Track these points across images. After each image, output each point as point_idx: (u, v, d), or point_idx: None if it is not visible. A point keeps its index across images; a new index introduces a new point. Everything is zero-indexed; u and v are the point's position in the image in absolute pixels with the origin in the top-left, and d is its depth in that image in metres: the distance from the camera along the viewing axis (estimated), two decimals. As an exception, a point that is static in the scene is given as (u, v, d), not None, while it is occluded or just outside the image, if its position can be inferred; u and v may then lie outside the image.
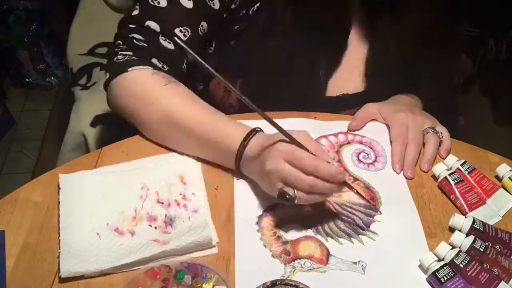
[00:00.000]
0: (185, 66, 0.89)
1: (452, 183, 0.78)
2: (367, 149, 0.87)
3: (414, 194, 0.80)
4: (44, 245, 0.70)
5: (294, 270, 0.69)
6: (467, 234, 0.71)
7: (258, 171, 0.74)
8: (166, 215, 0.72)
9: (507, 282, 0.66)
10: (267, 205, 0.76)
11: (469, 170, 0.80)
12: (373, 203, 0.76)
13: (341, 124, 0.91)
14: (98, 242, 0.68)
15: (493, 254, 0.68)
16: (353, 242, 0.72)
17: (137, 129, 0.85)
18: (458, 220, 0.72)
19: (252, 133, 0.76)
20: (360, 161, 0.85)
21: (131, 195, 0.75)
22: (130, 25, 0.86)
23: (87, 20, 1.59)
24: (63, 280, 0.66)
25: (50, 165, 1.39)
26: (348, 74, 0.96)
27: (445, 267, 0.66)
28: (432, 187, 0.81)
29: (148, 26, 0.85)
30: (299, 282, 0.62)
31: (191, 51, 0.65)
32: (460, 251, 0.68)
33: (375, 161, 0.85)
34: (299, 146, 0.69)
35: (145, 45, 0.84)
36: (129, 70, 0.82)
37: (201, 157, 0.81)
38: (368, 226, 0.75)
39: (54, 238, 0.71)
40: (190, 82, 0.87)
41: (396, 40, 0.93)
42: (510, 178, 0.79)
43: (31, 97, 2.30)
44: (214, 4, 0.86)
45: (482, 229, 0.71)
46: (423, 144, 0.86)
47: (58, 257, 0.68)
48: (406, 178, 0.82)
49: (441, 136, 0.86)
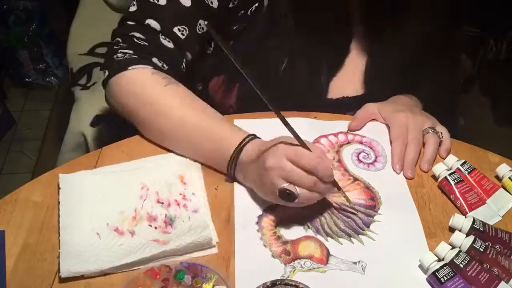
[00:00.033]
0: (184, 65, 0.89)
1: (452, 183, 0.78)
2: (367, 149, 0.87)
3: (414, 194, 0.80)
4: (44, 245, 0.70)
5: (294, 270, 0.69)
6: (467, 234, 0.71)
7: (256, 174, 0.73)
8: (166, 215, 0.72)
9: (507, 282, 0.66)
10: (267, 205, 0.76)
11: (469, 170, 0.80)
12: (356, 211, 0.77)
13: (341, 124, 0.91)
14: (98, 242, 0.68)
15: (493, 254, 0.68)
16: (353, 242, 0.72)
17: (137, 129, 0.85)
18: (458, 220, 0.72)
19: (247, 139, 0.76)
20: (360, 161, 0.85)
21: (131, 195, 0.75)
22: (129, 22, 0.86)
23: (87, 20, 1.59)
24: (63, 280, 0.66)
25: (50, 165, 1.39)
26: (348, 77, 0.96)
27: (445, 267, 0.66)
28: (432, 187, 0.81)
29: (148, 25, 0.84)
30: (299, 282, 0.62)
31: (227, 51, 0.65)
32: (460, 251, 0.68)
33: (375, 161, 0.85)
34: (303, 146, 0.69)
35: (145, 43, 0.84)
36: (129, 68, 0.82)
37: (198, 160, 0.81)
38: (368, 226, 0.75)
39: (54, 238, 0.71)
40: (189, 82, 0.87)
41: (396, 45, 0.93)
42: (510, 178, 0.79)
43: (31, 97, 2.30)
44: (212, 2, 0.86)
45: (482, 229, 0.71)
46: (423, 144, 0.86)
47: (58, 257, 0.68)
48: (406, 178, 0.82)
49: (441, 136, 0.86)
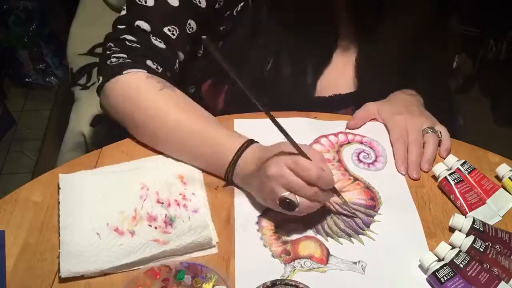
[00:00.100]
0: (177, 66, 0.88)
1: (452, 183, 0.78)
2: (367, 149, 0.87)
3: (414, 194, 0.80)
4: (44, 245, 0.70)
5: (294, 270, 0.69)
6: (467, 234, 0.71)
7: (256, 180, 0.72)
8: (166, 215, 0.72)
9: (507, 282, 0.66)
10: (267, 205, 0.76)
11: (469, 170, 0.80)
12: (355, 215, 0.76)
13: (341, 124, 0.91)
14: (98, 242, 0.68)
15: (493, 254, 0.68)
16: (353, 242, 0.72)
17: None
18: (458, 220, 0.72)
19: (245, 144, 0.75)
20: (360, 161, 0.85)
21: (131, 195, 0.75)
22: (119, 26, 0.86)
23: (87, 20, 1.59)
24: (63, 280, 0.66)
25: (50, 165, 1.39)
26: (339, 74, 0.95)
27: (445, 267, 0.66)
28: (432, 187, 0.81)
29: (138, 26, 0.84)
30: (299, 282, 0.62)
31: (219, 57, 0.64)
32: (460, 251, 0.68)
33: (375, 161, 0.85)
34: (303, 154, 0.69)
35: (137, 46, 0.84)
36: (123, 73, 0.81)
37: (193, 164, 0.80)
38: (368, 226, 0.75)
39: (54, 238, 0.71)
40: (183, 85, 0.87)
41: (384, 40, 0.92)
42: (510, 178, 0.79)
43: (31, 97, 2.30)
44: (200, 2, 0.86)
45: (482, 229, 0.71)
46: (423, 144, 0.86)
47: (58, 257, 0.68)
48: (412, 179, 0.82)
49: (440, 135, 0.86)
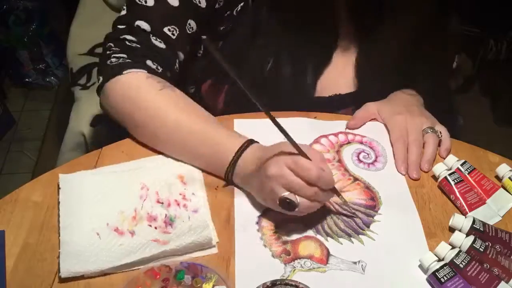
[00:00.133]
0: (177, 66, 0.88)
1: (452, 183, 0.78)
2: (367, 149, 0.87)
3: (414, 194, 0.80)
4: (44, 245, 0.70)
5: (294, 270, 0.69)
6: (467, 234, 0.71)
7: (256, 180, 0.72)
8: (166, 215, 0.72)
9: (507, 282, 0.66)
10: (267, 205, 0.76)
11: (469, 170, 0.80)
12: (355, 216, 0.76)
13: (341, 124, 0.91)
14: (98, 242, 0.68)
15: (493, 254, 0.68)
16: (353, 242, 0.72)
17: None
18: (458, 220, 0.72)
19: (245, 144, 0.75)
20: (360, 161, 0.85)
21: (131, 195, 0.75)
22: (119, 26, 0.86)
23: (87, 20, 1.59)
24: (63, 280, 0.66)
25: (50, 165, 1.39)
26: (339, 74, 0.95)
27: (445, 267, 0.66)
28: (432, 187, 0.81)
29: (138, 26, 0.84)
30: (299, 282, 0.62)
31: (218, 55, 0.64)
32: (460, 251, 0.68)
33: (375, 161, 0.85)
34: (303, 154, 0.69)
35: (137, 46, 0.84)
36: (123, 73, 0.81)
37: (193, 164, 0.80)
38: (368, 226, 0.75)
39: (54, 238, 0.71)
40: (183, 85, 0.86)
41: (385, 40, 0.92)
42: (510, 178, 0.79)
43: (31, 97, 2.30)
44: (200, 2, 0.86)
45: (482, 229, 0.71)
46: (423, 144, 0.86)
47: (58, 257, 0.68)
48: (412, 179, 0.82)
49: (440, 135, 0.86)
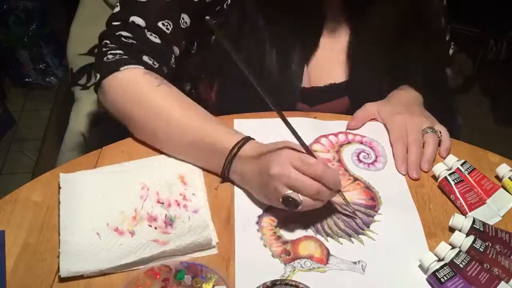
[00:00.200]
0: (173, 61, 0.88)
1: (452, 183, 0.78)
2: (367, 149, 0.87)
3: (414, 194, 0.80)
4: (44, 245, 0.70)
5: (294, 270, 0.69)
6: (467, 234, 0.71)
7: (257, 179, 0.73)
8: (166, 215, 0.72)
9: (507, 282, 0.66)
10: (267, 205, 0.76)
11: (469, 170, 0.80)
12: (356, 216, 0.76)
13: (341, 124, 0.91)
14: (98, 242, 0.68)
15: (493, 254, 0.68)
16: (353, 242, 0.72)
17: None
18: (458, 220, 0.72)
19: (242, 140, 0.75)
20: (360, 161, 0.85)
21: (131, 195, 0.75)
22: (114, 23, 0.86)
23: (87, 20, 1.58)
24: (63, 280, 0.66)
25: (50, 165, 1.39)
26: (331, 62, 0.94)
27: (445, 267, 0.66)
28: (432, 187, 0.81)
29: (133, 22, 0.84)
30: (299, 282, 0.62)
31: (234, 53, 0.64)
32: (460, 251, 0.68)
33: (375, 161, 0.85)
34: (308, 151, 0.69)
35: (133, 41, 0.84)
36: (121, 69, 0.81)
37: (190, 161, 0.80)
38: (368, 226, 0.75)
39: (54, 238, 0.71)
40: (178, 82, 0.87)
41: (375, 23, 0.92)
42: (510, 178, 0.79)
43: (31, 97, 2.30)
44: None
45: (482, 229, 0.71)
46: (423, 144, 0.86)
47: (58, 256, 0.68)
48: (412, 179, 0.82)
49: (440, 135, 0.86)
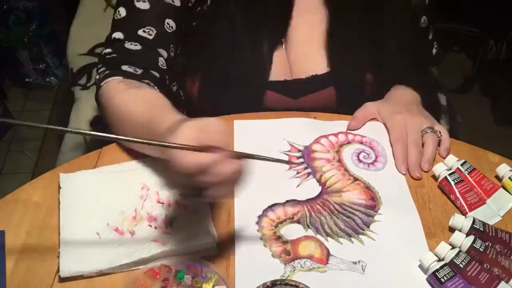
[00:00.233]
0: (163, 62, 0.88)
1: (452, 183, 0.78)
2: (367, 149, 0.87)
3: (414, 194, 0.80)
4: (44, 245, 0.70)
5: (294, 270, 0.69)
6: (467, 234, 0.71)
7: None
8: (166, 215, 0.72)
9: (507, 282, 0.66)
10: (267, 205, 0.76)
11: (469, 170, 0.80)
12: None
13: (341, 124, 0.91)
14: (98, 242, 0.68)
15: (493, 254, 0.68)
16: (353, 242, 0.72)
17: None
18: (458, 220, 0.72)
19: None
20: (360, 161, 0.85)
21: (132, 195, 0.75)
22: (104, 46, 0.90)
23: (87, 20, 1.58)
24: (63, 280, 0.66)
25: (50, 165, 1.39)
26: (313, 55, 0.94)
27: (445, 267, 0.66)
28: (432, 187, 0.81)
29: (114, 38, 0.88)
30: (299, 282, 0.62)
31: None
32: (460, 251, 0.68)
33: (375, 161, 0.85)
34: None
35: (113, 55, 0.87)
36: (101, 84, 0.85)
37: (145, 152, 0.79)
38: (368, 226, 0.75)
39: (54, 238, 0.70)
40: (174, 81, 0.89)
41: (351, 13, 0.92)
42: (510, 178, 0.79)
43: (31, 97, 2.30)
44: (174, 1, 0.88)
45: (482, 229, 0.71)
46: (422, 144, 0.86)
47: (58, 257, 0.68)
48: (413, 178, 0.82)
49: (439, 135, 0.86)
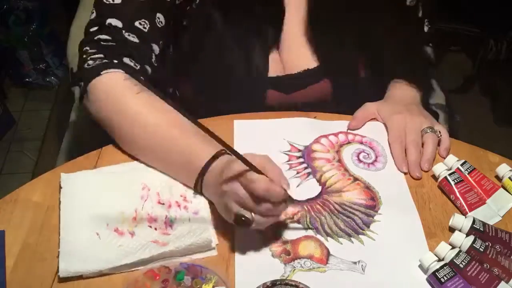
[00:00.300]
0: (154, 59, 0.87)
1: (452, 183, 0.78)
2: (367, 149, 0.87)
3: (414, 194, 0.80)
4: (44, 245, 0.70)
5: (294, 270, 0.69)
6: (467, 234, 0.71)
7: (215, 193, 0.71)
8: (166, 216, 0.72)
9: (507, 282, 0.66)
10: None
11: (469, 170, 0.80)
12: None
13: (341, 124, 0.91)
14: (98, 242, 0.68)
15: (493, 254, 0.68)
16: (353, 242, 0.72)
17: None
18: (458, 220, 0.72)
19: (215, 156, 0.72)
20: (360, 161, 0.85)
21: (132, 196, 0.75)
22: (91, 29, 0.86)
23: (87, 20, 1.58)
24: (63, 280, 0.66)
25: (50, 165, 1.39)
26: (304, 49, 0.94)
27: (445, 267, 0.66)
28: (432, 187, 0.81)
29: (110, 24, 0.84)
30: (299, 282, 0.62)
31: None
32: (460, 251, 0.68)
33: (375, 161, 0.85)
34: (252, 168, 0.64)
35: (113, 44, 0.83)
36: (101, 73, 0.79)
37: (165, 172, 0.78)
38: (368, 226, 0.75)
39: (54, 238, 0.71)
40: (161, 86, 0.86)
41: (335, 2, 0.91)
42: (510, 178, 0.79)
43: (31, 97, 2.30)
44: None
45: (482, 229, 0.71)
46: (422, 144, 0.85)
47: (58, 257, 0.68)
48: (414, 178, 0.82)
49: (439, 135, 0.86)
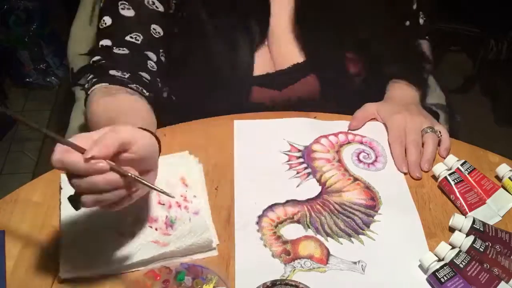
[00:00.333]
0: (153, 64, 0.89)
1: (452, 183, 0.78)
2: (367, 149, 0.87)
3: (414, 194, 0.80)
4: (44, 245, 0.70)
5: (294, 270, 0.69)
6: (467, 234, 0.71)
7: None
8: (167, 217, 0.72)
9: (507, 282, 0.66)
10: (267, 205, 0.76)
11: (469, 170, 0.80)
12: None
13: (341, 124, 0.91)
14: (98, 243, 0.68)
15: (493, 254, 0.68)
16: (353, 242, 0.72)
17: None
18: (458, 220, 0.72)
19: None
20: (360, 161, 0.85)
21: (131, 196, 0.75)
22: (89, 55, 0.90)
23: (88, 20, 1.58)
24: (63, 280, 0.66)
25: (50, 165, 1.39)
26: (292, 44, 0.94)
27: (445, 267, 0.66)
28: (432, 187, 0.81)
29: (101, 45, 0.88)
30: (299, 282, 0.62)
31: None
32: (460, 251, 0.68)
33: (375, 161, 0.85)
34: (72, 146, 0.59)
35: (102, 62, 0.87)
36: (89, 93, 0.84)
37: None
38: (368, 226, 0.75)
39: (54, 238, 0.71)
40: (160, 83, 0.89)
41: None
42: (510, 178, 0.79)
43: (32, 97, 2.30)
44: (158, 7, 0.89)
45: (482, 229, 0.71)
46: (422, 144, 0.86)
47: (58, 257, 0.68)
48: (414, 178, 0.82)
49: (439, 135, 0.86)
